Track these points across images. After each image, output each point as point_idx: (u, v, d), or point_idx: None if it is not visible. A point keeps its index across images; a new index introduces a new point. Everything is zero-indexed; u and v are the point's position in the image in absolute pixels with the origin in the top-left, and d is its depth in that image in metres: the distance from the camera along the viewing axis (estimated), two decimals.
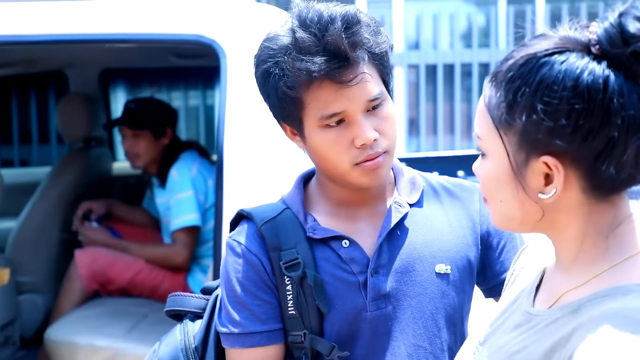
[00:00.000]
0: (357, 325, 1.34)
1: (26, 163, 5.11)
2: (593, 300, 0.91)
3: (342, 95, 1.25)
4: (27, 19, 2.31)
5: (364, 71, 1.26)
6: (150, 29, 2.29)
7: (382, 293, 1.34)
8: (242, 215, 1.42)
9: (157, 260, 3.25)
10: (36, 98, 4.91)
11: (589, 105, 0.87)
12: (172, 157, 3.33)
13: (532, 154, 0.92)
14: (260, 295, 1.34)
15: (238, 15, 2.27)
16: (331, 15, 1.26)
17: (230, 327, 1.35)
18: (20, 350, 3.23)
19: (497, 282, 1.44)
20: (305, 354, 1.33)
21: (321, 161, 1.34)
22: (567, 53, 0.90)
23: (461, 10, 13.41)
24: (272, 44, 1.30)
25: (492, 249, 1.45)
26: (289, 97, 1.28)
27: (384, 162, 1.31)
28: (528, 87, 0.90)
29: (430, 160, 2.97)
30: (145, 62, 4.02)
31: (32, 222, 3.45)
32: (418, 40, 13.54)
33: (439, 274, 1.37)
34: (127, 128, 3.38)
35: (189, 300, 1.49)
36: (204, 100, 5.31)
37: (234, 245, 1.38)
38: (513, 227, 1.02)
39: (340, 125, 1.28)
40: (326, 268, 1.34)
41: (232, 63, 2.17)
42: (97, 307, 3.13)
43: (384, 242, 1.35)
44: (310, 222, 1.37)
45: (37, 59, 3.57)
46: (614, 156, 0.88)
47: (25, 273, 3.36)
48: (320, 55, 1.24)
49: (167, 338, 1.46)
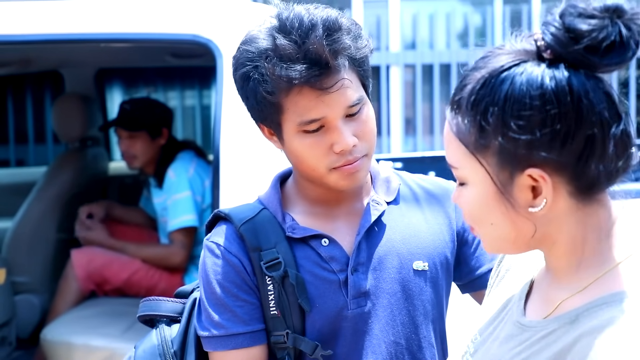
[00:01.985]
0: (339, 323, 1.33)
1: (22, 163, 5.10)
2: (591, 310, 0.89)
3: (322, 101, 1.25)
4: (23, 19, 2.30)
5: (344, 77, 1.25)
6: (146, 29, 2.28)
7: (362, 291, 1.34)
8: (220, 216, 1.41)
9: (154, 260, 3.24)
10: (32, 98, 4.90)
11: (560, 109, 0.87)
12: (168, 158, 3.32)
13: (515, 170, 0.91)
14: (242, 296, 1.33)
15: (234, 15, 2.27)
16: (312, 20, 1.24)
17: (211, 330, 1.34)
18: (16, 350, 3.22)
19: (473, 278, 1.46)
20: (288, 354, 1.33)
21: (299, 164, 1.34)
22: (522, 64, 0.90)
23: (457, 10, 13.43)
24: (251, 48, 1.28)
25: (468, 245, 1.45)
26: (268, 101, 1.27)
27: (362, 165, 1.31)
28: (495, 106, 0.90)
29: (426, 160, 2.97)
30: (141, 62, 4.01)
31: (28, 222, 3.44)
32: (414, 40, 13.55)
33: (416, 270, 1.37)
34: (123, 129, 3.37)
35: (163, 305, 1.46)
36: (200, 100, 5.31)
37: (213, 247, 1.36)
38: (506, 248, 1.01)
39: (319, 131, 1.28)
40: (307, 267, 1.33)
41: (229, 63, 2.16)
42: (94, 307, 3.13)
43: (363, 239, 1.36)
44: (289, 222, 1.36)
45: (33, 59, 3.56)
46: (596, 153, 0.88)
47: (21, 273, 3.35)
48: (300, 62, 1.22)
49: (143, 344, 1.44)
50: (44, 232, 3.46)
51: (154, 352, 1.41)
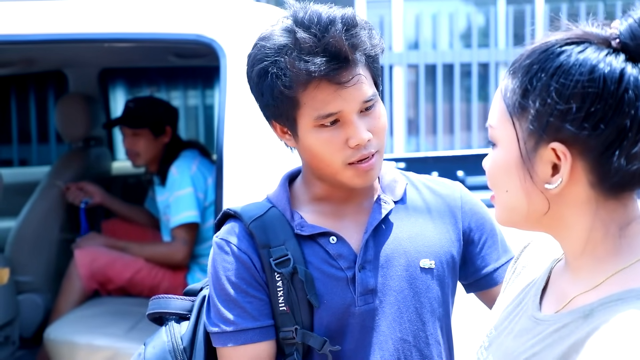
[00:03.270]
0: (346, 320, 1.35)
1: (25, 163, 5.10)
2: (605, 305, 0.90)
3: (339, 95, 1.27)
4: (26, 19, 2.30)
5: (360, 73, 1.29)
6: (149, 29, 2.29)
7: (370, 288, 1.36)
8: (229, 214, 1.43)
9: (157, 258, 3.25)
10: (35, 98, 4.90)
11: (603, 92, 0.88)
12: (172, 156, 3.33)
13: (541, 140, 0.92)
14: (251, 293, 1.35)
15: (238, 14, 2.27)
16: (330, 16, 1.27)
17: (221, 326, 1.35)
18: (19, 349, 3.23)
19: (478, 277, 1.48)
20: (296, 350, 1.34)
21: (313, 160, 1.36)
22: (585, 44, 0.91)
23: (460, 10, 13.42)
24: (269, 43, 1.30)
25: (474, 244, 1.47)
26: (285, 96, 1.29)
27: (376, 163, 1.34)
28: (545, 73, 0.92)
29: (429, 160, 2.97)
30: (144, 62, 4.02)
31: (31, 221, 3.45)
32: (417, 40, 13.55)
33: (423, 268, 1.39)
34: (127, 127, 3.39)
35: (172, 302, 1.48)
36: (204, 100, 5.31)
37: (222, 244, 1.38)
38: (517, 220, 1.01)
39: (334, 125, 1.30)
40: (315, 264, 1.35)
41: (232, 62, 2.17)
42: (97, 307, 3.13)
43: (370, 237, 1.38)
44: (298, 220, 1.38)
45: (37, 59, 3.57)
46: (624, 147, 0.88)
47: (24, 273, 3.36)
48: (320, 55, 1.25)
49: (153, 340, 1.45)
50: (47, 232, 3.47)
51: (164, 349, 1.42)
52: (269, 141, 2.12)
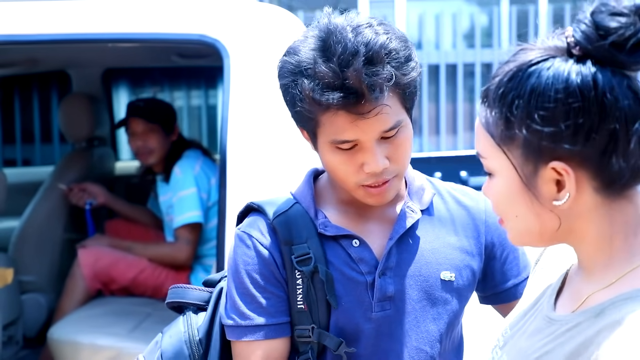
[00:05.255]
0: (362, 324, 1.35)
1: (29, 162, 5.11)
2: (616, 303, 0.90)
3: (356, 125, 1.24)
4: (30, 19, 2.31)
5: (382, 104, 1.23)
6: (153, 29, 2.29)
7: (388, 295, 1.35)
8: (252, 207, 1.43)
9: (160, 258, 3.25)
10: (39, 98, 4.91)
11: (584, 103, 0.88)
12: (176, 155, 3.33)
13: (539, 163, 0.93)
14: (270, 289, 1.35)
15: (241, 15, 2.27)
16: (355, 46, 1.21)
17: (237, 320, 1.35)
18: (23, 349, 3.23)
19: (497, 292, 1.48)
20: (311, 349, 1.34)
21: (331, 173, 1.36)
22: (550, 60, 0.92)
23: (464, 10, 13.41)
24: (292, 60, 1.28)
25: (496, 259, 1.46)
26: (305, 115, 1.28)
27: (392, 186, 1.32)
28: (521, 99, 0.92)
29: (432, 160, 2.96)
30: (148, 62, 4.02)
31: (35, 221, 3.45)
32: (420, 40, 13.53)
33: (443, 280, 1.39)
34: (141, 122, 3.37)
35: (191, 292, 1.48)
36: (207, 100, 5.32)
37: (244, 237, 1.38)
38: (532, 241, 1.02)
39: (352, 149, 1.28)
40: (336, 265, 1.35)
41: (235, 63, 2.17)
42: (100, 307, 3.14)
43: (394, 245, 1.37)
44: (321, 219, 1.37)
45: (40, 59, 3.57)
46: (619, 148, 0.89)
47: (28, 272, 3.36)
48: (338, 90, 1.21)
49: (170, 330, 1.46)
50: (51, 232, 3.47)
51: (180, 339, 1.42)
52: (272, 141, 2.12)
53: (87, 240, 3.37)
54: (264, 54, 2.18)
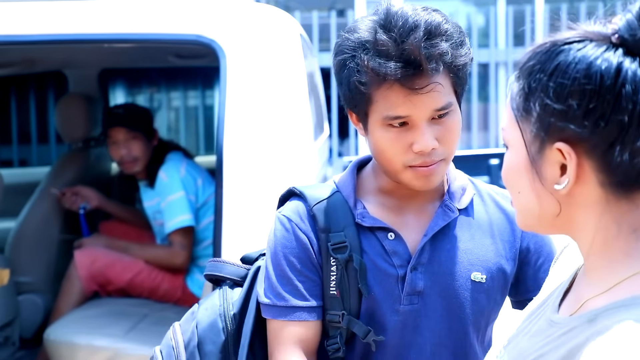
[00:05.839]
0: (389, 315, 1.38)
1: (25, 163, 5.11)
2: (609, 310, 0.88)
3: (409, 100, 1.28)
4: (26, 19, 2.30)
5: (436, 81, 1.27)
6: (149, 29, 2.29)
7: (417, 290, 1.38)
8: (294, 192, 1.47)
9: (157, 261, 3.24)
10: (35, 98, 4.91)
11: (600, 88, 0.87)
12: (158, 159, 3.31)
13: (546, 141, 0.92)
14: (305, 273, 1.39)
15: (237, 15, 2.27)
16: (416, 21, 1.27)
17: (273, 300, 1.40)
18: (19, 350, 3.23)
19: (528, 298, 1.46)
20: (340, 334, 1.38)
21: (378, 155, 1.38)
22: (586, 42, 0.91)
23: (460, 10, 13.42)
24: (352, 37, 1.32)
25: (530, 265, 1.48)
26: (360, 91, 1.31)
27: (439, 170, 1.34)
28: (544, 74, 0.91)
29: None
30: (144, 62, 4.02)
31: (31, 222, 3.44)
32: None
33: (474, 281, 1.41)
34: (122, 131, 3.31)
35: (227, 267, 1.53)
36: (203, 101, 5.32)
37: (284, 221, 1.42)
38: (532, 223, 1.01)
39: (403, 127, 1.31)
40: (370, 255, 1.38)
41: (232, 63, 2.17)
42: (97, 308, 3.13)
43: (428, 242, 1.40)
44: (360, 209, 1.41)
45: (36, 59, 3.57)
46: (626, 143, 0.87)
47: (24, 273, 3.36)
48: (395, 60, 1.25)
49: (206, 302, 1.50)
50: (47, 233, 3.46)
51: (215, 312, 1.47)
52: (269, 141, 2.12)
53: (84, 240, 3.36)
54: (260, 54, 2.18)
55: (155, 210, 3.30)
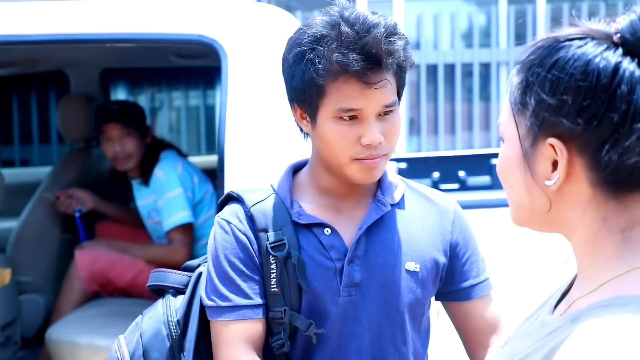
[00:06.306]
0: (329, 308, 1.43)
1: (27, 163, 5.11)
2: (592, 310, 0.88)
3: (363, 94, 1.35)
4: (28, 19, 2.31)
5: (387, 78, 1.36)
6: (151, 29, 2.29)
7: (355, 282, 1.43)
8: (232, 196, 1.51)
9: (158, 260, 3.23)
10: (37, 98, 4.91)
11: (596, 86, 0.87)
12: (152, 157, 3.31)
13: (539, 136, 0.92)
14: (247, 272, 1.43)
15: (239, 15, 2.27)
16: (375, 20, 1.36)
17: (217, 301, 1.43)
18: (21, 350, 3.23)
19: (454, 289, 1.56)
20: (284, 329, 1.43)
21: (324, 149, 1.42)
22: (587, 39, 0.91)
23: (462, 10, 13.43)
24: (311, 31, 1.37)
25: (458, 258, 1.55)
26: (314, 83, 1.36)
27: (381, 164, 1.41)
28: (542, 68, 0.92)
29: (431, 160, 2.95)
30: (146, 62, 4.02)
31: (32, 222, 3.45)
32: (419, 40, 13.55)
33: (408, 270, 1.47)
34: (117, 127, 3.29)
35: (171, 276, 1.58)
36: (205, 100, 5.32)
37: (223, 224, 1.47)
38: (523, 218, 1.01)
39: (352, 121, 1.37)
40: (308, 251, 1.43)
41: (233, 63, 2.17)
42: (98, 307, 3.13)
43: (363, 235, 1.45)
44: (296, 208, 1.46)
45: (38, 59, 3.57)
46: (616, 141, 0.87)
47: (26, 273, 3.36)
48: (357, 52, 1.32)
49: (150, 312, 1.54)
50: (49, 232, 3.47)
51: (159, 320, 1.51)
52: (270, 141, 2.12)
53: (84, 244, 3.36)
54: (262, 54, 2.18)
55: (151, 209, 3.29)
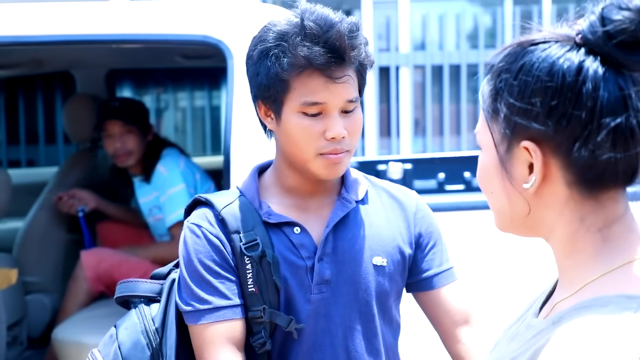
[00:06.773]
0: (302, 305, 1.45)
1: (33, 163, 5.12)
2: (573, 312, 0.88)
3: (327, 88, 1.37)
4: (34, 20, 2.31)
5: (350, 74, 1.39)
6: (156, 30, 2.29)
7: (325, 279, 1.46)
8: (200, 201, 1.51)
9: (162, 259, 3.23)
10: (43, 98, 4.92)
11: (562, 86, 0.88)
12: (154, 155, 3.32)
13: (513, 140, 0.93)
14: (223, 273, 1.44)
15: (244, 15, 2.28)
16: (337, 17, 1.38)
17: (195, 305, 1.43)
18: (27, 350, 3.24)
19: (419, 279, 1.58)
20: (264, 328, 1.43)
21: (289, 145, 1.44)
22: (550, 43, 0.92)
23: (467, 10, 13.41)
24: (275, 28, 1.40)
25: (421, 249, 1.58)
26: (279, 78, 1.38)
27: (345, 160, 1.43)
28: (509, 74, 0.93)
29: (436, 161, 2.95)
30: (151, 63, 4.03)
31: (39, 222, 3.46)
32: (424, 40, 13.53)
33: (375, 265, 1.50)
34: (118, 124, 3.30)
35: (142, 285, 1.56)
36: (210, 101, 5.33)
37: (194, 229, 1.47)
38: (505, 223, 1.02)
39: (316, 117, 1.39)
40: (280, 250, 1.45)
41: (239, 63, 2.17)
42: (104, 308, 3.14)
43: (330, 232, 1.48)
44: (265, 209, 1.48)
45: (44, 60, 3.58)
46: (588, 139, 0.88)
47: (32, 273, 3.37)
48: (321, 46, 1.35)
49: (125, 322, 1.52)
50: (55, 233, 3.48)
51: (136, 330, 1.49)
52: None
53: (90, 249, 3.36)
54: None
55: (153, 206, 3.30)
